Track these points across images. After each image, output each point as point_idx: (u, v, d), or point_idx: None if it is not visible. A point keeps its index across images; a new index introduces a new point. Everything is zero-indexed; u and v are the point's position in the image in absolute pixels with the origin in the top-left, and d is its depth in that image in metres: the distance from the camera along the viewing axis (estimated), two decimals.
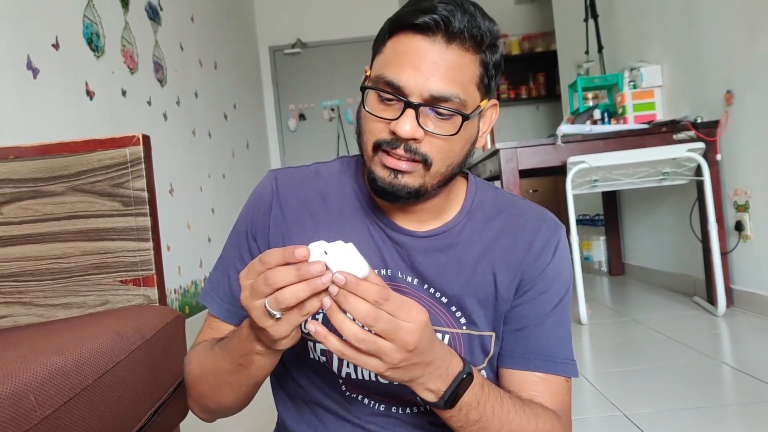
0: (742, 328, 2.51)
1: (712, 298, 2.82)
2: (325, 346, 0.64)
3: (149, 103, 3.12)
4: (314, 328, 0.63)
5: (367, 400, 0.85)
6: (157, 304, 1.24)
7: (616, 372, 2.07)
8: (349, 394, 0.85)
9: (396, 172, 0.75)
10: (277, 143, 6.07)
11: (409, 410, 0.85)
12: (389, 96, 0.74)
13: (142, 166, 1.28)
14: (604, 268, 4.37)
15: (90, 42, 2.55)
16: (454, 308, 0.83)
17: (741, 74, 2.67)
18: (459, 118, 0.74)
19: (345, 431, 0.86)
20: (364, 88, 0.77)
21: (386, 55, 0.75)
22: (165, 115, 3.32)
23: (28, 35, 2.11)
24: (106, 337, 0.94)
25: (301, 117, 6.16)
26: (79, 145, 1.26)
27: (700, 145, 2.72)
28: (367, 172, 0.80)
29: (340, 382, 0.85)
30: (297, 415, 0.89)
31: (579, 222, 4.62)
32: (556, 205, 5.41)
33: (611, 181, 2.94)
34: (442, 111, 0.73)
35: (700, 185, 2.81)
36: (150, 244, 1.24)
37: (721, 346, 2.33)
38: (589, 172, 2.84)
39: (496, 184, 3.23)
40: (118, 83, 2.78)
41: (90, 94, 2.51)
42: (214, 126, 4.22)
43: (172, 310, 1.20)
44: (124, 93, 2.84)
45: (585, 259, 4.49)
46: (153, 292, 1.24)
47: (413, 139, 0.73)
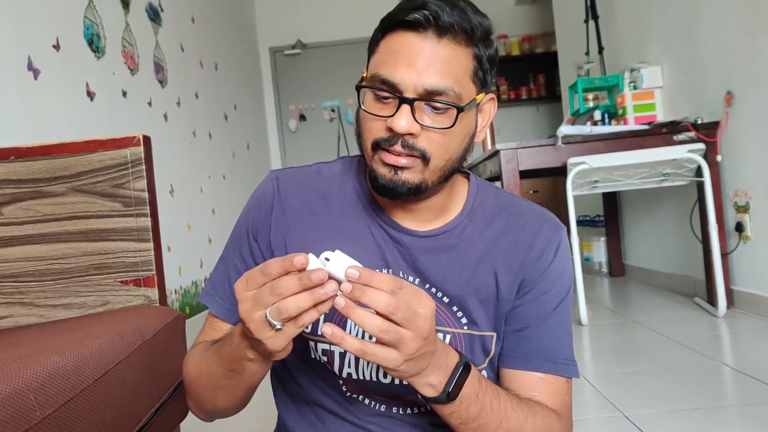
0: (743, 329, 2.51)
1: (712, 299, 2.82)
2: (343, 348, 0.63)
3: (150, 104, 3.13)
4: (330, 331, 0.62)
5: (368, 401, 0.85)
6: (158, 305, 1.24)
7: (616, 373, 2.07)
8: (349, 394, 0.85)
9: (396, 169, 0.76)
10: (277, 144, 6.07)
11: (409, 410, 0.85)
12: (385, 93, 0.74)
13: (143, 167, 1.28)
14: (605, 269, 4.37)
15: (91, 43, 2.55)
16: (455, 308, 0.84)
17: (741, 75, 2.67)
18: (455, 111, 0.74)
19: (341, 429, 0.86)
20: (360, 87, 0.77)
21: (380, 55, 0.76)
22: (165, 116, 3.32)
23: (28, 36, 2.11)
24: (107, 338, 0.94)
25: (302, 118, 6.16)
26: (80, 146, 1.26)
27: (701, 146, 2.72)
28: (369, 171, 0.80)
29: (341, 383, 0.85)
30: (298, 415, 0.90)
31: (579, 223, 4.62)
32: (557, 206, 5.41)
33: (612, 182, 2.94)
34: (437, 105, 0.74)
35: (701, 186, 2.81)
36: (150, 245, 1.25)
37: (722, 347, 2.33)
38: (590, 173, 2.84)
39: (497, 184, 3.23)
40: (118, 84, 2.79)
41: (90, 95, 2.51)
42: (215, 127, 4.23)
43: (172, 310, 1.20)
44: (125, 94, 2.84)
45: (585, 260, 4.49)
46: (153, 293, 1.24)
47: (410, 134, 0.74)
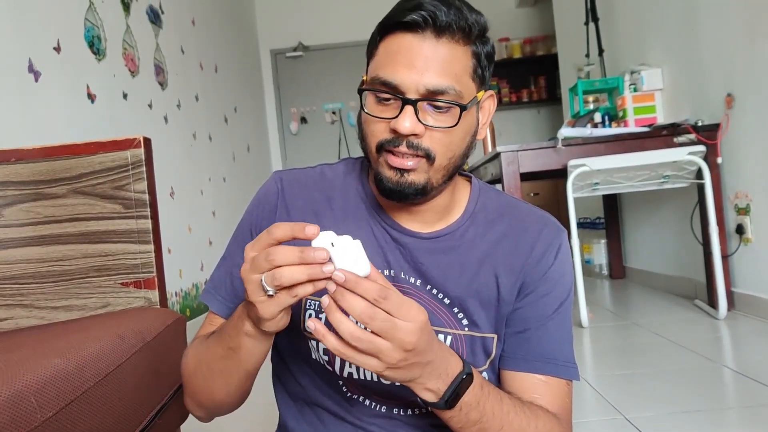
0: (744, 331, 2.51)
1: (713, 302, 2.82)
2: (324, 345, 0.64)
3: (150, 106, 3.13)
4: (314, 326, 0.63)
5: (368, 401, 0.85)
6: (158, 307, 1.24)
7: (617, 375, 2.06)
8: (350, 395, 0.85)
9: (402, 171, 0.76)
10: (278, 146, 6.07)
11: (410, 411, 0.85)
12: (386, 95, 0.75)
13: (143, 169, 1.28)
14: (605, 272, 4.37)
15: (91, 45, 2.55)
16: (456, 309, 0.84)
17: (741, 77, 2.67)
18: (457, 110, 0.75)
19: (341, 429, 0.86)
20: (361, 91, 0.77)
21: (379, 57, 0.76)
22: (166, 118, 3.32)
23: (29, 38, 2.12)
24: (107, 340, 0.94)
25: (303, 120, 6.17)
26: (81, 148, 1.26)
27: (701, 148, 2.72)
28: (373, 174, 0.80)
29: (341, 383, 0.85)
30: (298, 415, 0.90)
31: (580, 225, 4.62)
32: (557, 208, 5.41)
33: (612, 184, 2.94)
34: (439, 104, 0.74)
35: (701, 188, 2.81)
36: (151, 247, 1.25)
37: (723, 349, 2.33)
38: (590, 175, 2.84)
39: (498, 186, 3.23)
40: (119, 86, 2.79)
41: (91, 97, 2.51)
42: (215, 129, 4.23)
43: (172, 312, 1.20)
44: (125, 96, 2.84)
45: (586, 263, 4.49)
46: (154, 295, 1.24)
47: (414, 134, 0.74)
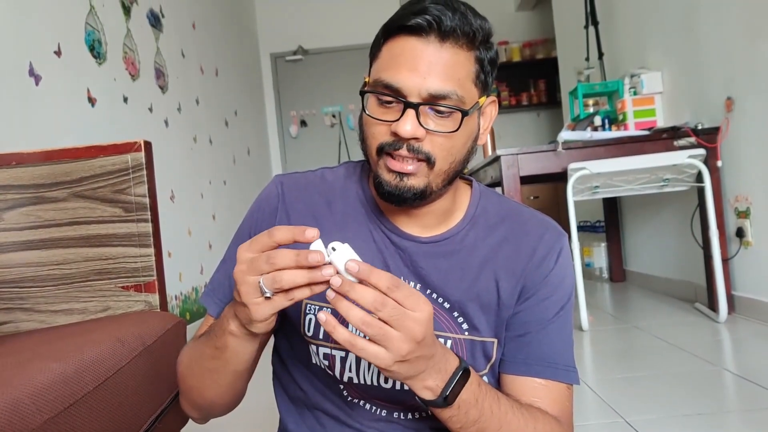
0: (744, 335, 2.50)
1: (713, 305, 2.82)
2: (333, 337, 0.63)
3: (150, 110, 3.13)
4: (324, 317, 0.63)
5: (369, 405, 0.85)
6: (158, 310, 1.24)
7: (617, 378, 2.06)
8: (350, 399, 0.85)
9: (401, 175, 0.76)
10: (278, 149, 6.08)
11: (410, 415, 0.85)
12: (388, 98, 0.75)
13: (144, 172, 1.28)
14: (605, 275, 4.36)
15: (92, 49, 2.56)
16: (456, 314, 0.84)
17: (741, 80, 2.67)
18: (459, 115, 0.75)
19: None
20: (364, 92, 0.78)
21: (383, 60, 0.76)
22: (166, 122, 3.33)
23: (30, 42, 2.12)
24: (107, 344, 0.94)
25: (303, 123, 6.17)
26: (81, 152, 1.27)
27: (701, 152, 2.73)
28: (373, 177, 0.80)
29: (342, 387, 0.85)
30: (299, 419, 0.89)
31: (580, 228, 4.62)
32: (557, 212, 5.41)
33: (612, 188, 2.94)
34: (441, 108, 0.74)
35: (701, 192, 2.81)
36: (151, 250, 1.25)
37: (723, 353, 2.32)
38: (590, 179, 2.84)
39: (497, 190, 3.23)
40: (119, 90, 2.79)
41: (92, 101, 2.51)
42: (215, 132, 4.23)
43: (173, 315, 1.20)
44: (126, 100, 2.85)
45: (586, 266, 4.49)
46: (154, 298, 1.24)
47: (415, 138, 0.74)
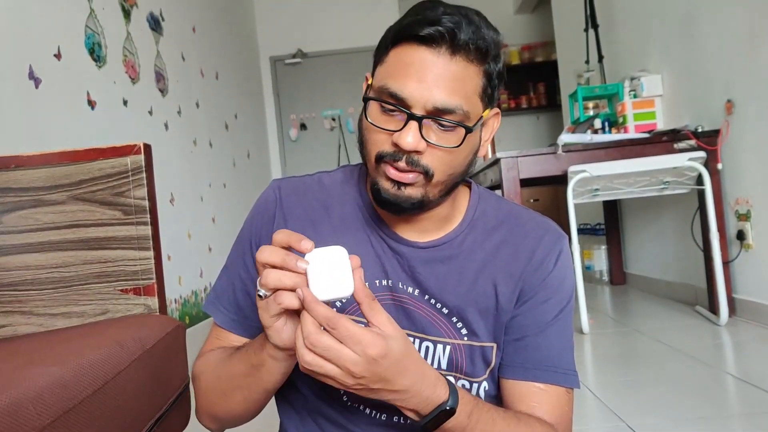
0: (745, 338, 2.50)
1: (714, 308, 2.82)
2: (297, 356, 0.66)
3: (150, 113, 3.13)
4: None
5: (369, 410, 0.84)
6: (158, 314, 1.24)
7: (618, 382, 2.06)
8: (351, 404, 0.85)
9: (400, 184, 0.75)
10: (278, 153, 6.07)
11: (410, 420, 0.84)
12: (392, 107, 0.73)
13: (143, 175, 1.27)
14: (606, 278, 4.36)
15: (92, 52, 2.56)
16: (455, 319, 0.83)
17: (742, 83, 2.67)
18: (462, 130, 0.73)
19: None
20: (367, 99, 0.76)
21: (389, 66, 0.74)
22: (166, 125, 3.32)
23: (29, 45, 2.12)
24: (107, 347, 0.93)
25: (302, 127, 6.17)
26: (81, 154, 1.26)
27: (701, 154, 2.72)
28: (370, 183, 0.79)
29: (341, 393, 0.84)
30: (300, 424, 0.89)
31: (580, 231, 4.61)
32: (557, 214, 5.41)
33: (612, 190, 2.94)
34: (445, 123, 0.72)
35: (702, 194, 2.81)
36: (151, 253, 1.24)
37: (724, 356, 2.32)
38: (590, 181, 2.84)
39: (497, 192, 3.23)
40: (119, 93, 2.79)
41: (91, 104, 2.51)
42: (215, 136, 4.23)
43: (172, 319, 1.20)
44: (126, 103, 2.84)
45: (586, 269, 4.48)
46: (153, 302, 1.23)
47: (416, 151, 0.73)
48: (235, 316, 0.88)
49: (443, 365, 0.83)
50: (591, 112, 3.86)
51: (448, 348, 0.83)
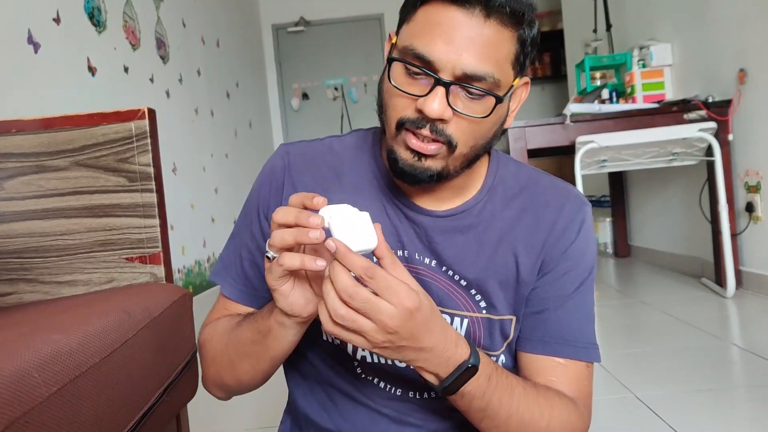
0: (752, 310, 2.49)
1: (720, 280, 2.80)
2: (320, 318, 0.63)
3: (152, 80, 3.08)
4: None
5: (383, 384, 0.82)
6: (164, 282, 1.21)
7: (625, 353, 2.05)
8: (364, 376, 0.82)
9: (420, 155, 0.71)
10: (279, 123, 6.02)
11: (426, 395, 0.82)
12: (417, 71, 0.68)
13: (148, 141, 1.24)
14: (610, 250, 4.34)
15: (91, 17, 2.50)
16: (473, 291, 0.80)
17: (755, 52, 2.62)
18: (491, 100, 0.69)
19: (358, 415, 0.83)
20: (391, 60, 0.71)
21: (416, 25, 0.69)
22: (168, 93, 3.28)
23: (28, 9, 2.07)
24: (113, 316, 0.91)
25: (305, 96, 6.10)
26: (83, 119, 1.23)
27: (712, 125, 2.68)
28: (387, 150, 0.75)
29: (355, 365, 0.82)
30: (309, 395, 0.87)
31: None
32: None
33: (620, 162, 2.90)
34: (473, 91, 0.68)
35: (711, 166, 2.77)
36: (156, 221, 1.21)
37: (731, 328, 2.31)
38: (598, 152, 2.80)
39: None
40: (120, 59, 2.74)
41: (92, 70, 2.46)
42: (217, 105, 4.18)
43: (179, 287, 1.18)
44: (126, 69, 2.79)
45: None
46: (159, 270, 1.21)
47: (441, 119, 0.68)
48: (242, 287, 0.86)
49: None
50: (598, 82, 3.79)
51: (465, 321, 0.80)
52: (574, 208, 0.82)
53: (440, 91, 0.67)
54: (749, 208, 2.73)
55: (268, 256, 0.66)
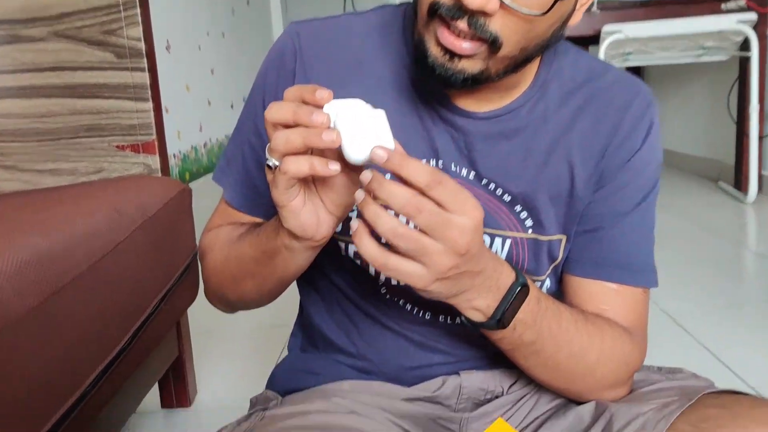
0: None
1: (740, 185, 2.69)
2: (360, 251, 0.50)
3: None
4: (355, 225, 0.50)
5: (410, 307, 0.71)
6: (159, 175, 1.09)
7: None
8: (389, 297, 0.71)
9: (453, 54, 0.56)
10: (278, 1, 5.68)
11: (458, 319, 0.71)
12: None
13: (137, 11, 1.07)
14: None
15: None
16: (518, 208, 0.68)
17: None
18: None
19: (383, 339, 0.73)
20: None
21: None
22: None
23: None
24: (102, 214, 0.79)
25: None
26: None
27: (751, 17, 2.47)
28: (416, 39, 0.60)
29: (380, 284, 0.71)
30: (327, 315, 0.76)
31: None
32: None
33: (646, 55, 2.71)
34: None
35: (744, 62, 2.59)
36: (149, 105, 1.07)
37: (755, 235, 2.22)
38: (624, 44, 2.60)
39: None
40: None
41: None
42: None
43: (176, 181, 1.05)
44: None
45: None
46: (154, 161, 1.08)
47: (483, 12, 0.53)
48: (246, 191, 0.73)
49: None
50: None
51: (508, 242, 0.68)
52: (641, 107, 0.68)
53: None
54: None
55: (269, 164, 0.52)
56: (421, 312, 0.71)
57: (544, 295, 0.62)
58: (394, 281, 0.69)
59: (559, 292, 0.74)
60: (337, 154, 0.50)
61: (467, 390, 0.72)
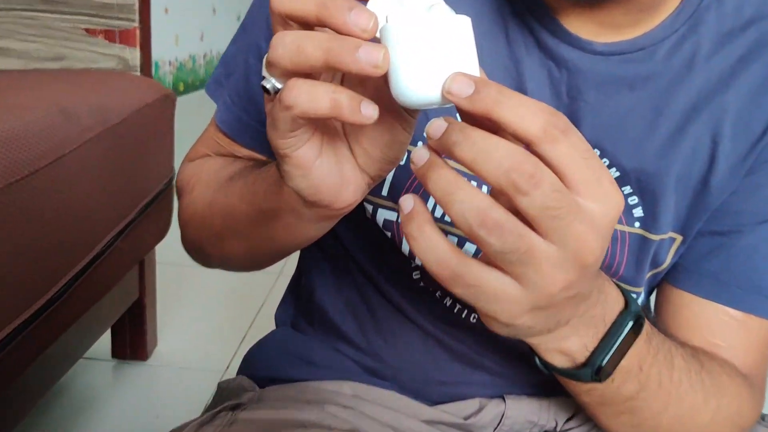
0: None
1: None
2: (415, 250, 0.30)
3: None
4: (411, 204, 0.29)
5: (450, 302, 0.53)
6: (138, 74, 0.87)
7: None
8: (424, 286, 0.52)
9: None
10: None
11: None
12: None
13: None
14: None
15: None
16: (627, 190, 0.49)
17: None
18: None
19: (405, 336, 0.55)
20: None
21: None
22: None
23: None
24: (48, 115, 0.59)
25: None
26: None
27: None
28: None
29: (412, 266, 0.51)
30: (333, 288, 0.58)
31: None
32: None
33: None
34: None
35: None
36: None
37: None
38: None
39: None
40: None
41: None
42: None
43: (158, 84, 0.85)
44: None
45: None
46: (133, 55, 0.86)
47: None
48: (242, 113, 0.53)
49: None
50: None
51: None
52: None
53: None
54: None
55: (265, 86, 0.31)
56: (465, 312, 0.53)
57: (654, 329, 0.44)
58: None
59: (647, 308, 0.57)
60: (377, 86, 0.30)
61: (511, 421, 0.55)
